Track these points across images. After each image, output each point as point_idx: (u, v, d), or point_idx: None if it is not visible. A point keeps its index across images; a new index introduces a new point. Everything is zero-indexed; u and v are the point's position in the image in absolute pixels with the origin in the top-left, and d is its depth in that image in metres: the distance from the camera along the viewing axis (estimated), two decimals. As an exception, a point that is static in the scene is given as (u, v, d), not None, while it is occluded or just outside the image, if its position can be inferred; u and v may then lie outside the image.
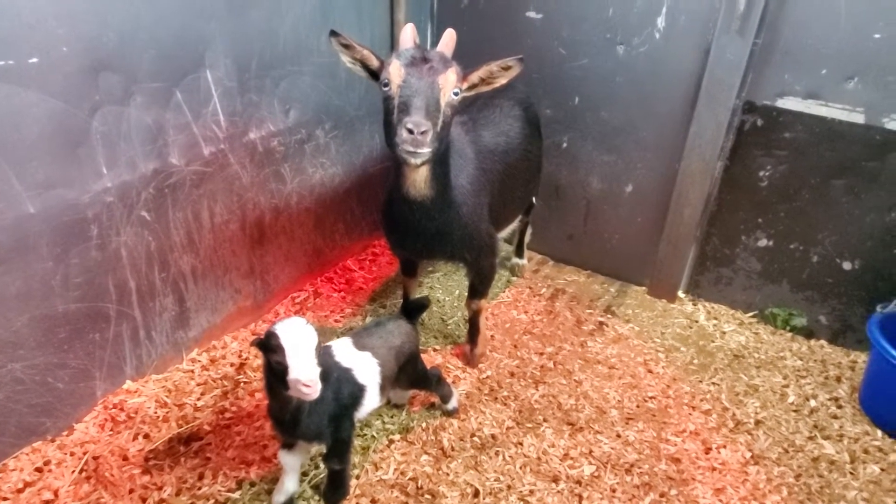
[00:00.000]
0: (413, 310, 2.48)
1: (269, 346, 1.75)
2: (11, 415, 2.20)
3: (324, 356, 2.09)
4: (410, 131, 1.98)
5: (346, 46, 2.21)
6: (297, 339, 1.73)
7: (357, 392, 2.10)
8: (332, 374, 2.04)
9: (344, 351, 2.16)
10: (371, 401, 2.16)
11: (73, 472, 2.22)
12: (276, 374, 1.78)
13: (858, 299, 3.21)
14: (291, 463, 2.12)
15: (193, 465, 2.30)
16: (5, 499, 2.09)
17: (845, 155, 3.02)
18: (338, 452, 2.08)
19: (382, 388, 2.20)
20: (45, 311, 2.19)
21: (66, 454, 2.29)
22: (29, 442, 2.29)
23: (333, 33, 2.19)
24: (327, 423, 1.99)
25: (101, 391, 2.51)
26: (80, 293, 2.29)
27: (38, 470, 2.22)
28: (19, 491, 2.13)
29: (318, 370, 1.75)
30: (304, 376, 1.72)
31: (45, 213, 2.09)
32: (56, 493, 2.14)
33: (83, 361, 2.39)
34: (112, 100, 2.19)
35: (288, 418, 1.92)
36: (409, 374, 2.37)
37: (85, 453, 2.30)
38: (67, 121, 2.08)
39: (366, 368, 2.14)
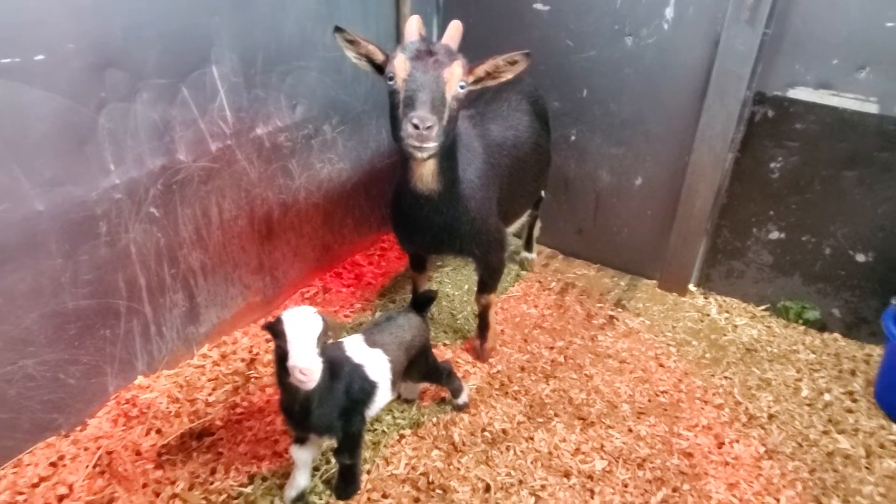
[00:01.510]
0: (422, 303, 2.48)
1: (274, 330, 1.77)
2: (24, 411, 2.22)
3: (336, 350, 2.10)
4: (416, 126, 1.96)
5: (351, 42, 2.20)
6: (300, 326, 1.74)
7: (368, 388, 2.10)
8: (344, 368, 2.04)
9: (356, 347, 2.16)
10: (382, 397, 2.17)
11: (87, 466, 2.24)
12: (280, 359, 1.78)
13: (872, 292, 3.17)
14: (303, 458, 2.12)
15: (205, 460, 2.31)
16: (21, 493, 2.11)
17: (858, 145, 2.98)
18: (348, 447, 2.09)
19: (393, 384, 2.21)
20: (55, 308, 2.20)
21: (79, 449, 2.31)
22: (43, 437, 2.31)
23: (338, 29, 2.18)
24: (338, 417, 2.00)
25: (113, 387, 2.52)
26: (90, 290, 2.30)
27: (53, 465, 2.23)
28: (34, 486, 2.15)
29: (317, 359, 1.74)
30: (301, 362, 1.71)
31: (53, 210, 2.10)
32: (70, 488, 2.15)
33: (94, 357, 2.40)
34: (118, 96, 2.20)
35: (298, 410, 1.92)
36: (419, 368, 2.38)
37: (98, 448, 2.31)
38: (74, 118, 2.08)
39: (377, 365, 2.14)
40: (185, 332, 2.76)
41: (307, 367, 1.72)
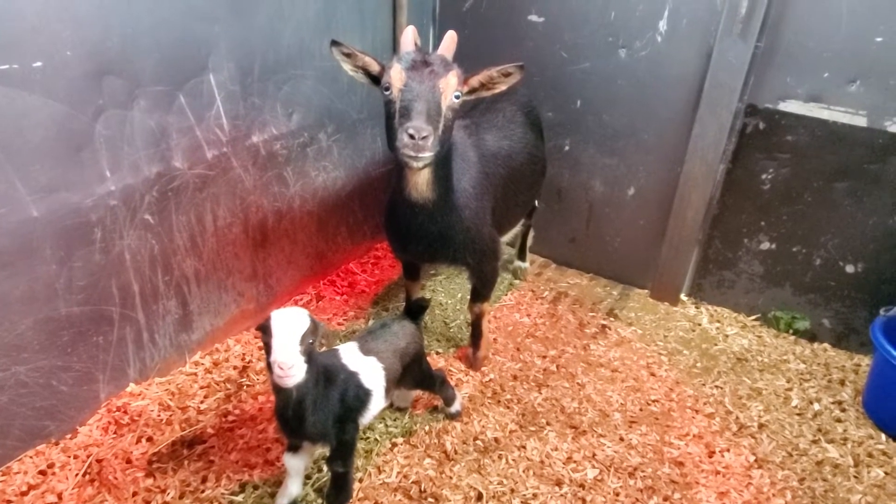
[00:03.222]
0: (415, 311, 2.49)
1: (263, 327, 1.78)
2: (15, 418, 2.20)
3: (331, 358, 2.10)
4: (412, 136, 1.98)
5: (348, 55, 2.22)
6: (285, 322, 1.75)
7: (363, 396, 2.10)
8: (339, 375, 2.05)
9: (350, 355, 2.16)
10: (376, 405, 2.17)
11: (77, 475, 2.22)
12: (267, 356, 1.80)
13: (862, 302, 3.20)
14: (296, 466, 2.11)
15: (197, 468, 2.31)
16: (9, 501, 2.09)
17: (847, 158, 3.02)
18: (342, 455, 2.09)
19: (387, 391, 2.21)
20: (48, 314, 2.20)
21: (69, 457, 2.29)
22: (33, 445, 2.29)
23: (335, 42, 2.19)
24: (332, 424, 2.00)
25: (105, 394, 2.51)
26: (84, 296, 2.29)
27: (42, 473, 2.22)
28: (23, 494, 2.13)
29: (298, 356, 1.75)
30: (281, 356, 1.72)
31: (48, 216, 2.10)
32: (60, 496, 2.14)
33: (87, 364, 2.39)
34: (115, 103, 2.20)
35: (292, 416, 1.92)
36: (413, 375, 2.38)
37: (88, 456, 2.30)
38: (71, 124, 2.09)
39: (372, 373, 2.15)
40: (177, 340, 2.75)
41: (285, 362, 1.72)
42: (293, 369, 1.74)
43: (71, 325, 2.28)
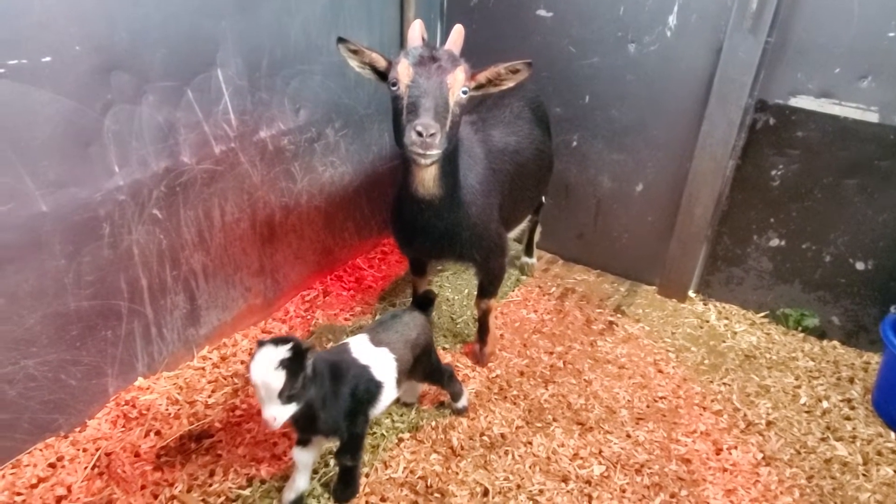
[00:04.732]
0: (424, 303, 2.49)
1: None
2: (25, 411, 2.22)
3: (340, 354, 2.11)
4: (420, 134, 1.97)
5: (355, 52, 2.21)
6: (262, 384, 1.76)
7: (374, 389, 2.11)
8: (350, 371, 2.06)
9: (361, 348, 2.17)
10: (388, 396, 2.18)
11: (86, 468, 2.24)
12: None
13: (871, 300, 3.18)
14: (305, 460, 2.12)
15: (204, 462, 2.32)
16: (19, 494, 2.11)
17: (858, 154, 2.99)
18: (351, 448, 2.09)
19: (399, 382, 2.22)
20: (57, 309, 2.21)
21: (78, 450, 2.31)
22: (42, 438, 2.31)
23: (341, 39, 2.18)
24: (343, 418, 2.01)
25: (114, 388, 2.52)
26: (93, 291, 2.31)
27: (52, 466, 2.24)
28: (33, 486, 2.15)
29: (282, 409, 1.78)
30: (266, 414, 1.77)
31: (57, 211, 2.11)
32: (69, 489, 2.16)
33: (95, 358, 2.41)
34: (124, 99, 2.21)
35: (301, 415, 1.92)
36: (423, 366, 2.38)
37: (97, 450, 2.31)
38: (79, 120, 2.09)
39: (383, 365, 2.16)
40: (185, 334, 2.76)
41: (268, 420, 1.77)
42: (279, 423, 1.79)
43: (79, 320, 2.29)
